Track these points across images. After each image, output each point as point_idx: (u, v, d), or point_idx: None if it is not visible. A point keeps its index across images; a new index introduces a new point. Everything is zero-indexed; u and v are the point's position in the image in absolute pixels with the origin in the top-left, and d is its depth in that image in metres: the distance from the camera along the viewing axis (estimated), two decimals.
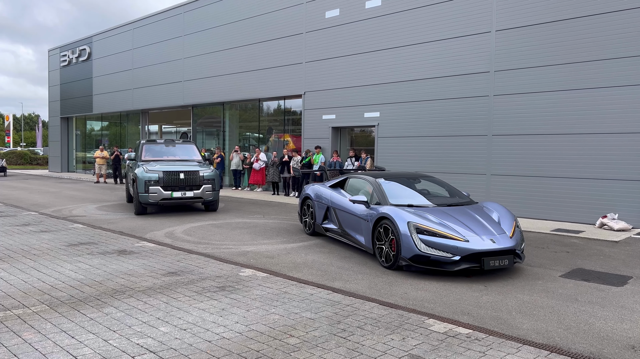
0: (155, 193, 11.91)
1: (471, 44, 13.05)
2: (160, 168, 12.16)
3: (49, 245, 8.31)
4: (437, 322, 4.69)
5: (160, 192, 11.93)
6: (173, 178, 12.07)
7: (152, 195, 11.91)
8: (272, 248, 8.34)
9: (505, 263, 6.41)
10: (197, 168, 12.45)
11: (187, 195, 12.14)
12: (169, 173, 12.06)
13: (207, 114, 22.87)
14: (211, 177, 12.51)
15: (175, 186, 12.09)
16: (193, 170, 12.31)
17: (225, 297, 5.41)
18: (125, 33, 25.97)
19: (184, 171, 12.20)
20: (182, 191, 12.11)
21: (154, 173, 12.01)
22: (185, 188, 12.17)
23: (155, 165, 12.52)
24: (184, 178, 12.15)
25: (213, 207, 13.06)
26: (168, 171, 12.09)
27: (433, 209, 7.23)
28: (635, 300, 5.55)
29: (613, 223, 10.33)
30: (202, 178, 12.34)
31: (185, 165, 12.60)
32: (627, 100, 10.73)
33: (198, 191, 12.26)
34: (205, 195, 12.35)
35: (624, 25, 10.73)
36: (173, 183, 12.07)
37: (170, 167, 12.35)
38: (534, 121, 12.04)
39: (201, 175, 12.34)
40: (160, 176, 11.98)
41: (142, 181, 11.92)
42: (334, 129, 16.67)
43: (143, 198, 11.96)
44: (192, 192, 12.19)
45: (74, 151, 31.80)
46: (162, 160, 13.26)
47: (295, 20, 17.49)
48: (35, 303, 5.15)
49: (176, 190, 12.07)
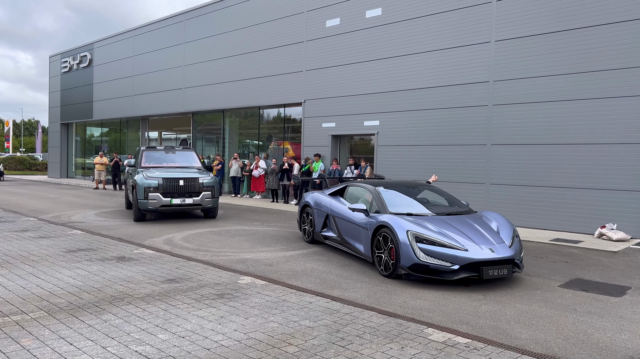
0: (155, 200, 11.90)
1: (471, 53, 13.12)
2: (159, 175, 12.16)
3: (48, 251, 8.30)
4: (436, 331, 4.69)
5: (160, 199, 11.92)
6: (172, 184, 12.07)
7: (152, 202, 11.90)
8: (271, 256, 8.34)
9: (504, 273, 6.42)
10: (196, 175, 12.44)
11: (187, 201, 12.13)
12: (168, 180, 12.05)
13: (207, 121, 22.93)
14: (210, 184, 12.50)
15: (175, 193, 12.08)
16: (192, 177, 12.30)
17: (224, 305, 5.40)
18: (127, 40, 26.08)
19: (183, 178, 12.19)
20: (182, 198, 12.10)
21: (153, 179, 12.01)
22: (185, 195, 12.16)
23: (154, 171, 12.51)
24: (183, 185, 12.13)
25: (212, 214, 13.04)
26: (167, 177, 12.08)
27: (432, 218, 7.24)
28: (633, 311, 5.55)
29: (612, 233, 10.34)
30: (201, 185, 12.32)
31: (185, 172, 12.60)
32: (626, 110, 10.78)
33: (197, 198, 12.25)
34: (205, 202, 12.34)
35: (623, 37, 10.81)
36: (172, 189, 12.06)
37: (169, 173, 12.34)
38: (533, 131, 12.08)
39: (201, 182, 12.33)
40: (159, 182, 11.97)
41: (141, 187, 11.91)
42: (333, 137, 16.71)
43: (142, 205, 11.95)
44: (191, 199, 12.18)
45: (74, 157, 31.82)
46: (161, 167, 13.25)
47: (296, 28, 17.58)
48: (33, 310, 5.14)
49: (175, 196, 12.06)
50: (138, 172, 12.76)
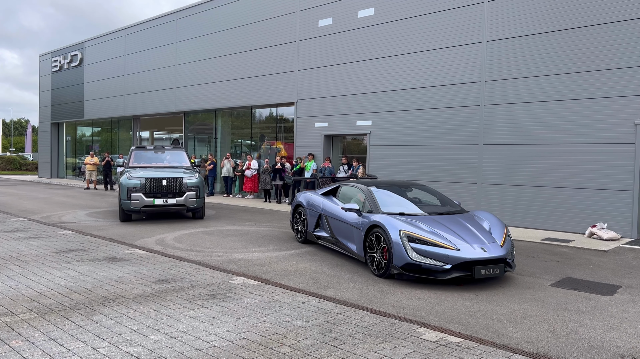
0: (137, 200, 11.73)
1: (462, 54, 13.17)
2: (143, 175, 11.95)
3: (38, 251, 8.23)
4: (428, 331, 4.70)
5: (142, 199, 11.74)
6: (155, 184, 11.84)
7: (134, 202, 11.73)
8: (263, 256, 8.32)
9: (496, 272, 6.45)
10: (180, 175, 12.20)
11: (170, 202, 11.91)
12: (151, 180, 11.83)
13: (199, 121, 22.84)
14: (195, 184, 12.25)
15: (158, 193, 11.86)
16: (176, 177, 12.06)
17: (216, 305, 5.38)
18: (118, 39, 25.91)
19: (166, 177, 11.95)
20: (165, 198, 11.88)
21: (136, 179, 11.82)
22: (168, 195, 11.94)
23: (139, 171, 12.32)
24: (166, 185, 11.90)
25: (199, 215, 12.82)
26: (150, 177, 11.86)
27: (424, 217, 7.26)
28: (624, 309, 5.59)
29: (602, 232, 10.42)
30: (185, 185, 12.08)
31: (170, 172, 12.36)
32: (617, 111, 10.87)
33: (181, 198, 12.01)
34: (189, 202, 12.11)
35: (614, 38, 10.90)
36: (155, 189, 11.84)
37: (153, 173, 12.09)
38: (525, 131, 12.15)
39: (184, 182, 12.09)
40: (142, 182, 11.77)
41: (124, 187, 11.76)
42: (326, 137, 16.71)
43: (125, 205, 11.81)
44: (174, 199, 11.95)
45: (64, 157, 31.57)
46: (149, 167, 13.08)
47: (288, 28, 17.56)
48: (23, 311, 5.09)
49: (158, 196, 11.85)
50: (125, 171, 12.65)
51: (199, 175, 12.81)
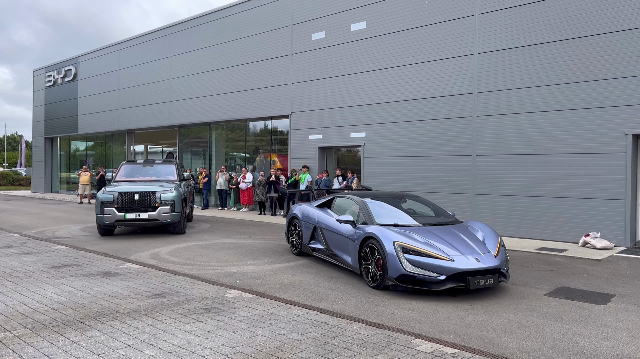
0: (110, 215, 11.63)
1: (454, 66, 13.31)
2: (116, 189, 11.80)
3: (32, 267, 8.18)
4: (424, 342, 4.70)
5: (114, 213, 11.62)
6: (127, 199, 11.68)
7: (107, 216, 11.64)
8: (258, 269, 8.31)
9: (490, 282, 6.47)
10: (154, 189, 11.93)
11: (141, 216, 11.69)
12: (123, 194, 11.69)
13: (194, 134, 22.86)
14: (169, 199, 11.91)
15: (130, 207, 11.69)
16: (148, 191, 11.82)
17: (211, 319, 5.36)
18: (112, 54, 25.99)
19: (139, 192, 11.75)
20: (136, 212, 11.69)
21: (109, 194, 11.72)
22: (140, 209, 11.73)
23: (118, 185, 12.17)
24: (138, 199, 11.70)
25: (178, 230, 12.48)
26: (123, 192, 11.72)
27: (419, 228, 7.28)
28: (618, 318, 5.62)
29: (596, 241, 10.48)
30: (158, 199, 11.83)
31: (144, 186, 12.12)
32: (608, 121, 10.99)
33: (153, 213, 11.76)
34: (162, 217, 11.81)
35: (604, 49, 11.05)
36: (127, 204, 11.68)
37: (127, 187, 11.93)
38: (517, 141, 12.25)
39: (157, 197, 11.83)
40: (115, 197, 11.66)
41: (99, 202, 11.72)
42: (320, 149, 16.77)
43: (99, 219, 11.76)
44: (146, 214, 11.72)
45: (58, 171, 31.46)
46: (133, 181, 12.92)
47: (282, 42, 17.69)
48: (17, 327, 5.05)
49: (130, 211, 11.69)
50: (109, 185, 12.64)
51: (179, 189, 12.44)
